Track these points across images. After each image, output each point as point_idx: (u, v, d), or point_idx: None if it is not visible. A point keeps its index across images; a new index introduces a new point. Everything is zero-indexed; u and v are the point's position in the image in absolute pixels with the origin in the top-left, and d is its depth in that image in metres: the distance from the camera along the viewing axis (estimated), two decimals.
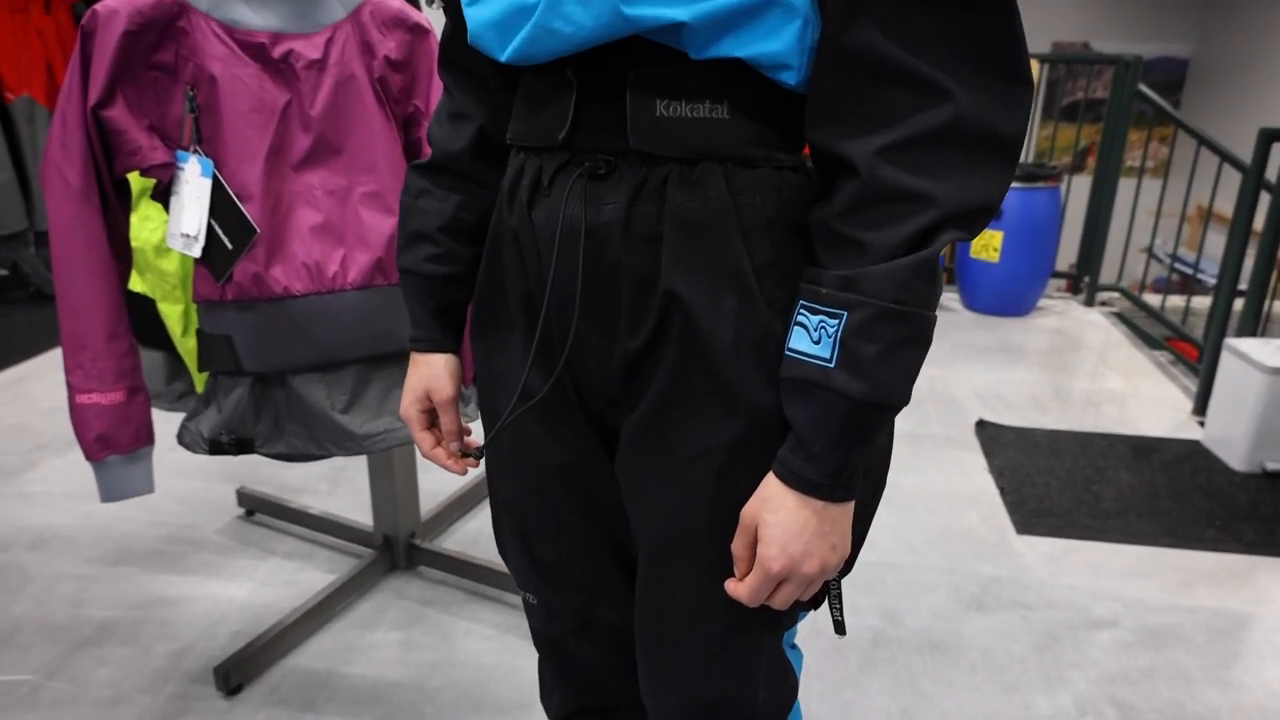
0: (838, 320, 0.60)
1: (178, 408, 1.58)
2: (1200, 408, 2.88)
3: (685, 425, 0.70)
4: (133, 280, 1.43)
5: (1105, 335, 3.74)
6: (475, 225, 0.85)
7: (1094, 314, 4.02)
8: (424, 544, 1.96)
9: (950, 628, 1.81)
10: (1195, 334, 3.47)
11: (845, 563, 0.76)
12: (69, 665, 1.66)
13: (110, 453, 1.26)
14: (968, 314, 3.97)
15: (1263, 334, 2.89)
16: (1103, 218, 4.05)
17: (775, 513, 0.65)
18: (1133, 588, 1.96)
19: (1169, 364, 3.40)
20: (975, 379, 3.19)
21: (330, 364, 1.34)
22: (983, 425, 2.77)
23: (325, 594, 1.78)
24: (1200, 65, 7.10)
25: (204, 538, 2.09)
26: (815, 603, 0.74)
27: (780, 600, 0.68)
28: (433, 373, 0.87)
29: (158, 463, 1.36)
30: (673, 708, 0.80)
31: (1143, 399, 3.05)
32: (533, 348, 0.75)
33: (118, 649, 1.70)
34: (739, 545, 0.69)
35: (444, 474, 2.30)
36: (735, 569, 0.70)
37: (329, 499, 2.28)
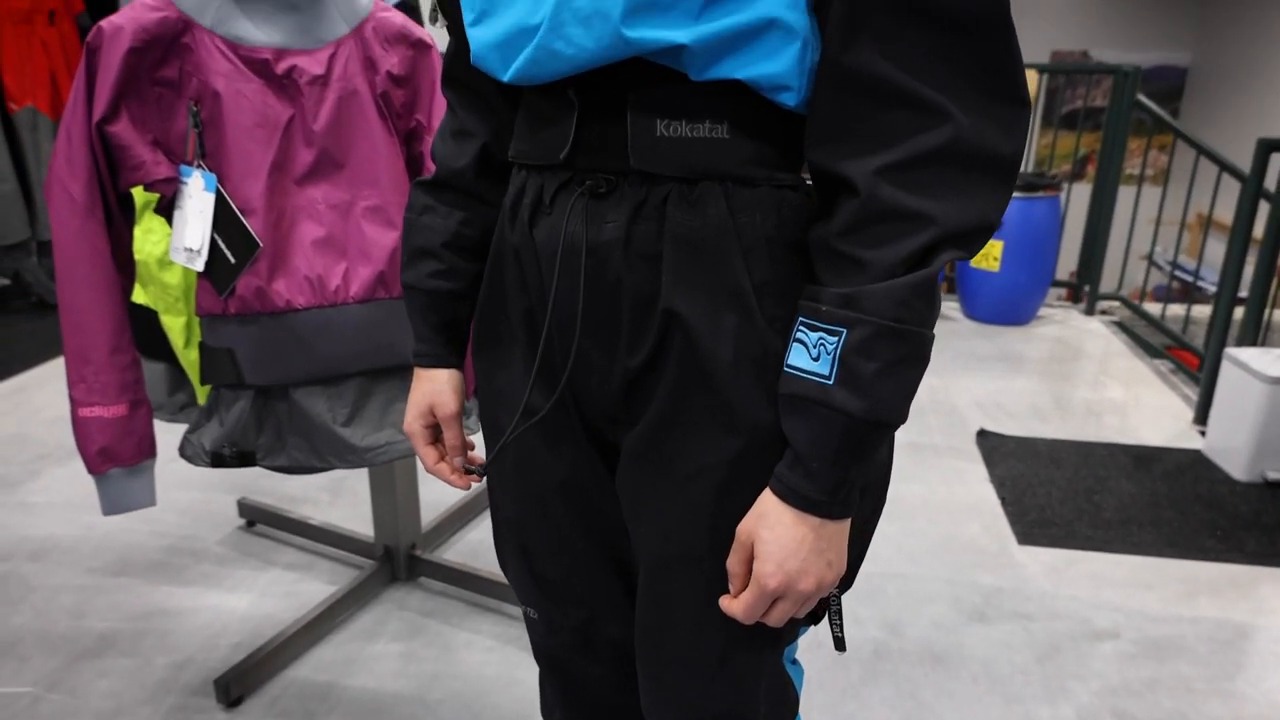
0: (837, 338, 0.60)
1: (179, 419, 1.59)
2: (1201, 417, 2.88)
3: (685, 443, 0.71)
4: (135, 292, 1.44)
5: (1106, 344, 3.74)
6: (479, 241, 0.85)
7: (1094, 323, 4.03)
8: (425, 555, 1.96)
9: (952, 639, 1.81)
10: (1196, 343, 3.46)
11: (845, 579, 0.76)
12: (69, 677, 1.66)
13: (112, 466, 1.26)
14: (968, 323, 3.97)
15: (1263, 343, 2.89)
16: (1103, 226, 4.06)
17: (772, 529, 0.65)
18: (1134, 598, 1.96)
19: (1170, 373, 3.40)
20: (976, 388, 3.19)
21: (332, 377, 1.34)
22: (984, 435, 2.77)
23: (326, 605, 1.78)
24: (1199, 73, 7.12)
25: (205, 549, 2.09)
26: (815, 618, 0.74)
27: (776, 618, 0.68)
28: (436, 388, 0.87)
29: (159, 474, 1.37)
30: None
31: (1144, 408, 3.05)
32: (535, 365, 0.76)
33: (118, 660, 1.70)
34: (734, 562, 0.69)
35: (445, 485, 2.30)
36: (730, 586, 0.70)
37: (330, 510, 2.28)
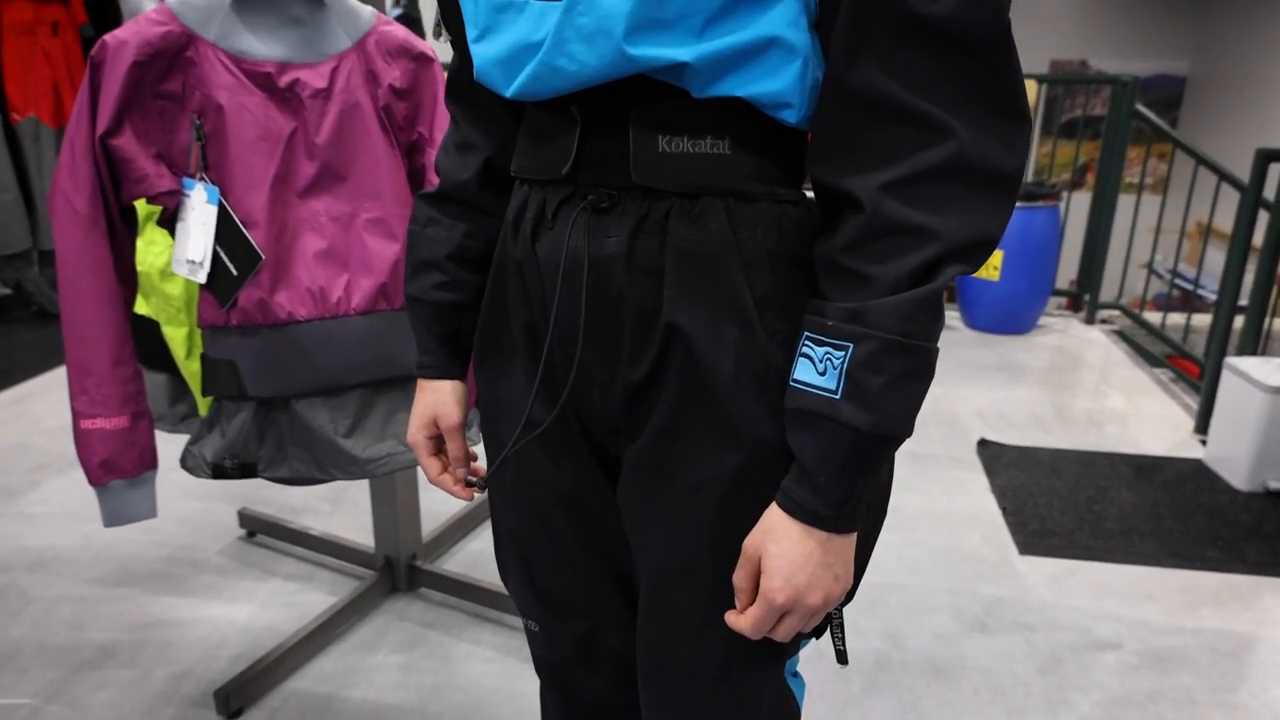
0: (844, 353, 0.61)
1: (180, 430, 1.59)
2: (1202, 426, 2.88)
3: (686, 456, 0.71)
4: (137, 303, 1.44)
5: (1106, 353, 3.74)
6: (482, 254, 0.85)
7: (1094, 332, 4.03)
8: (425, 565, 1.96)
9: (953, 650, 1.80)
10: (1196, 351, 3.47)
11: (848, 591, 0.76)
12: (68, 688, 1.65)
13: (114, 478, 1.26)
14: (969, 332, 3.97)
15: (1263, 352, 2.89)
16: (1102, 235, 4.06)
17: (779, 544, 0.65)
18: (1136, 609, 1.96)
19: (1170, 382, 3.40)
20: (977, 398, 3.19)
21: (333, 388, 1.34)
22: (985, 444, 2.77)
23: (326, 616, 1.77)
24: (1198, 82, 7.14)
25: (205, 559, 2.09)
26: (817, 632, 0.74)
27: (783, 632, 0.68)
28: (440, 399, 0.87)
29: (159, 484, 1.36)
30: None
31: (1144, 417, 3.05)
32: (536, 378, 0.76)
33: (118, 672, 1.70)
34: (741, 577, 0.69)
35: (445, 495, 2.30)
36: (737, 601, 0.70)
37: (330, 520, 2.28)
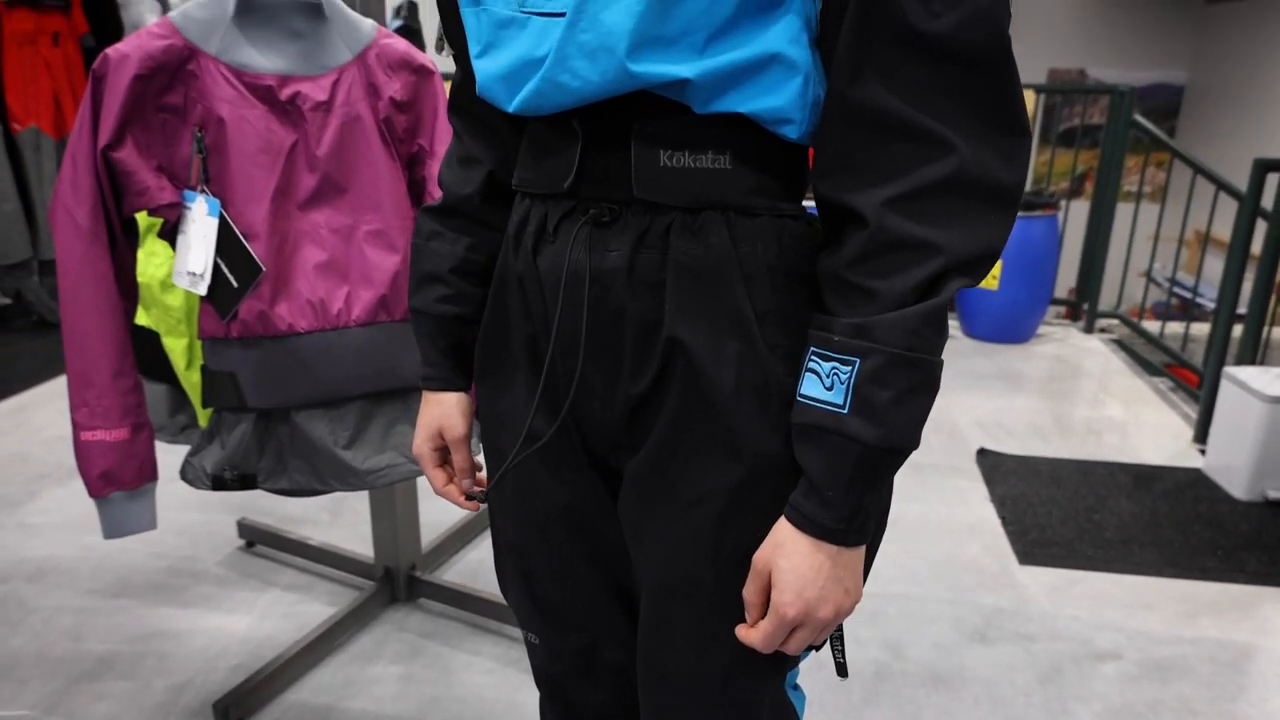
0: (850, 367, 0.61)
1: (180, 440, 1.59)
2: (1201, 436, 2.88)
3: (687, 469, 0.71)
4: (138, 314, 1.44)
5: (1105, 362, 3.75)
6: (485, 266, 0.86)
7: (1093, 341, 4.03)
8: (425, 576, 1.96)
9: (953, 660, 1.80)
10: (1195, 360, 3.47)
11: None
12: (67, 700, 1.65)
13: (114, 489, 1.26)
14: (968, 341, 3.98)
15: (1262, 361, 2.90)
16: (1101, 243, 4.07)
17: (789, 558, 0.65)
18: (1136, 619, 1.95)
19: (1169, 391, 3.40)
20: (976, 407, 3.19)
21: (334, 400, 1.34)
22: (984, 454, 2.77)
23: (325, 627, 1.77)
24: (1195, 91, 7.16)
25: (204, 569, 2.08)
26: (817, 645, 0.74)
27: (794, 646, 0.68)
28: (445, 411, 0.88)
29: (158, 495, 1.37)
30: None
31: (1143, 427, 3.06)
32: (538, 391, 0.76)
33: (117, 683, 1.69)
34: (751, 591, 0.68)
35: (445, 505, 2.30)
36: (747, 615, 0.69)
37: (330, 530, 2.27)
